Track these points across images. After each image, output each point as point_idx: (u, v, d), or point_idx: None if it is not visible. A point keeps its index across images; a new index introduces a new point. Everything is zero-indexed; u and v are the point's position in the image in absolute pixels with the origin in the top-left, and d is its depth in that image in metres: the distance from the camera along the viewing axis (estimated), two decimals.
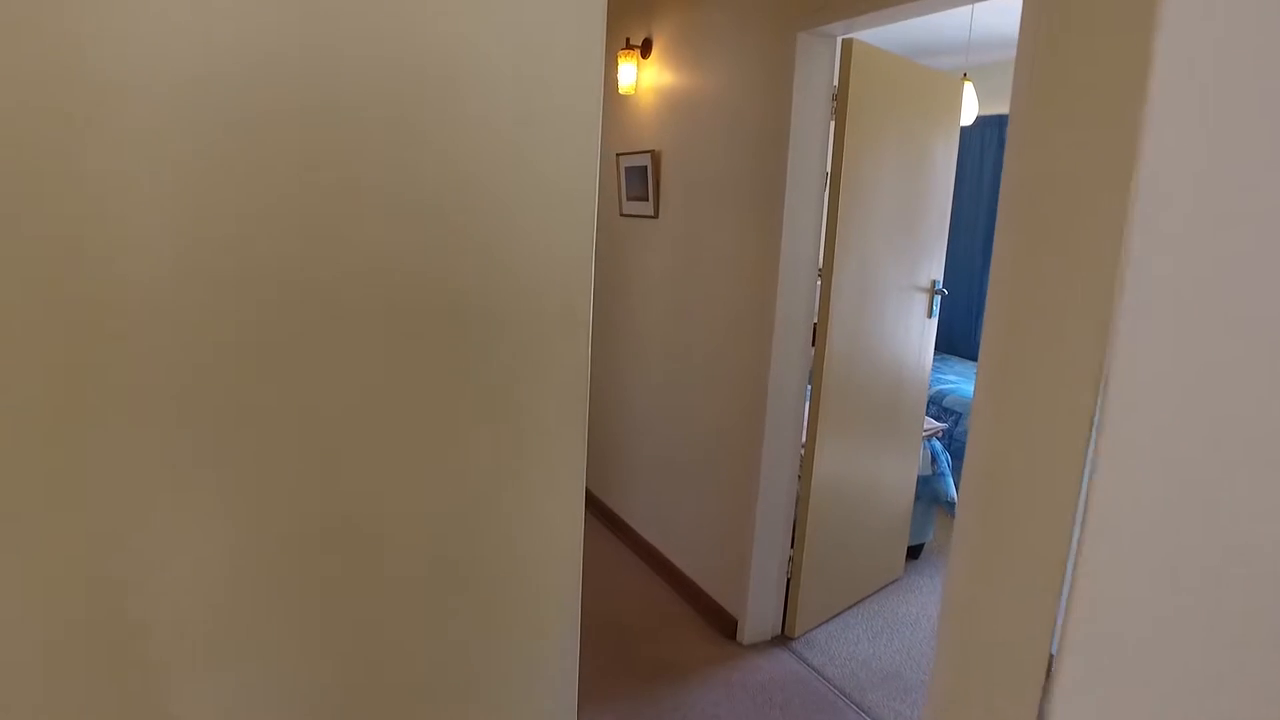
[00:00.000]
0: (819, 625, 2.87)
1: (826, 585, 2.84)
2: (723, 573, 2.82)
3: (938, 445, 3.30)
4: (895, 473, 3.03)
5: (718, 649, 2.73)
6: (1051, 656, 2.43)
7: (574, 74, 1.04)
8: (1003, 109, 4.70)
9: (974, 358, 5.04)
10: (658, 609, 2.97)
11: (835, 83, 2.44)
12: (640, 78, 3.10)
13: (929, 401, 4.00)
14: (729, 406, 2.74)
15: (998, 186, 4.83)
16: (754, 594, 2.69)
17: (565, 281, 1.10)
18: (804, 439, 2.65)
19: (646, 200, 3.11)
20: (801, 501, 2.67)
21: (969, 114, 3.51)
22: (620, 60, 3.06)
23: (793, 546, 2.73)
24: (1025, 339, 1.87)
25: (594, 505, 3.75)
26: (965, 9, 3.51)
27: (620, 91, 3.13)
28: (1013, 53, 4.44)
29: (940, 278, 2.96)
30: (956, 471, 3.53)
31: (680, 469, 3.06)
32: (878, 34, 3.10)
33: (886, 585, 3.18)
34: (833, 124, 2.46)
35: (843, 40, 2.37)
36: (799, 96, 2.36)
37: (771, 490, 2.63)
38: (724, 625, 2.78)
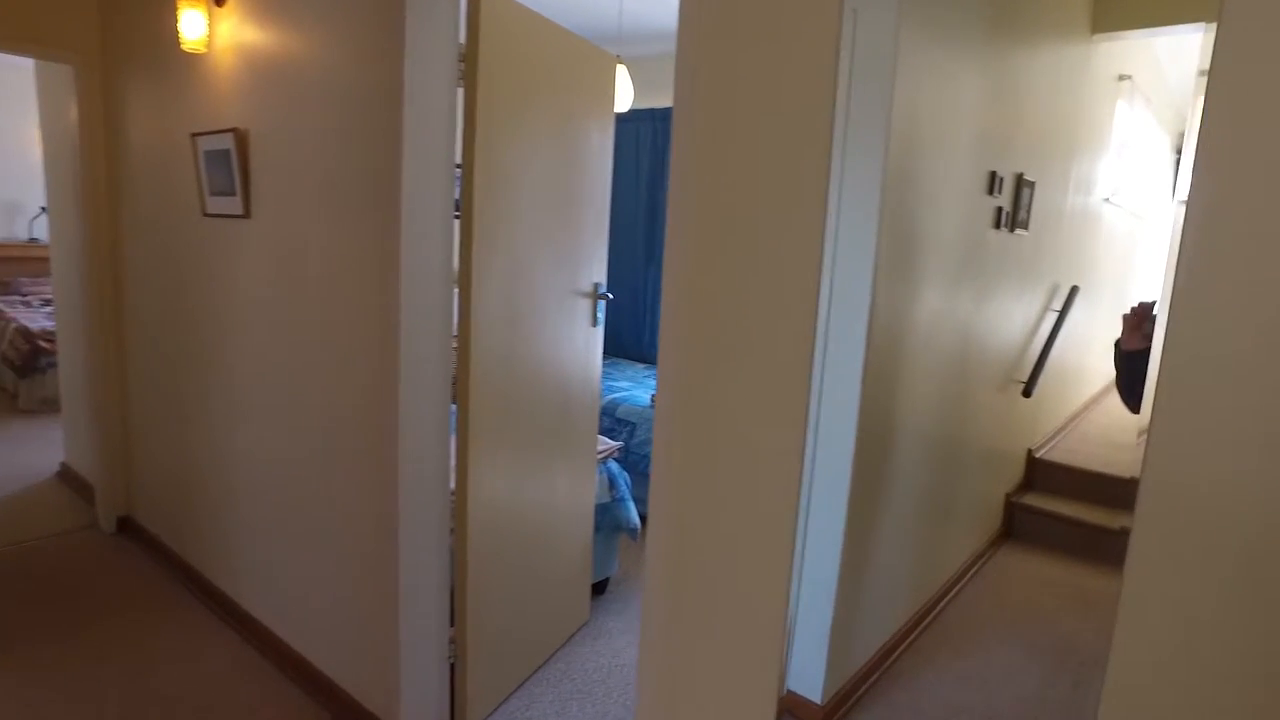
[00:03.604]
0: (499, 705, 2.37)
1: (503, 653, 2.36)
2: (366, 664, 2.21)
3: (615, 467, 2.99)
4: (571, 504, 2.65)
5: None
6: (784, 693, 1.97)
7: None
8: (656, 102, 4.61)
9: (645, 360, 4.91)
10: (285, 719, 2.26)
11: (464, 41, 1.97)
12: (215, 32, 2.36)
13: (600, 414, 3.72)
14: (353, 449, 2.13)
15: (657, 182, 4.74)
16: (409, 686, 2.12)
17: None
18: (454, 481, 2.14)
19: (234, 195, 2.38)
20: (458, 557, 2.15)
21: (624, 99, 3.27)
22: (181, 6, 2.30)
23: (454, 616, 2.20)
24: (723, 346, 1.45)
25: (196, 585, 2.88)
26: None
27: (185, 48, 2.36)
28: (665, 46, 4.38)
29: (604, 281, 2.63)
30: (638, 489, 3.26)
31: (302, 533, 2.37)
32: None
33: (574, 634, 2.79)
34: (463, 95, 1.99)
35: None
36: (413, 58, 1.84)
37: (416, 548, 2.08)
38: None
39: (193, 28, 2.31)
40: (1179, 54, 5.11)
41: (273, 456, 2.45)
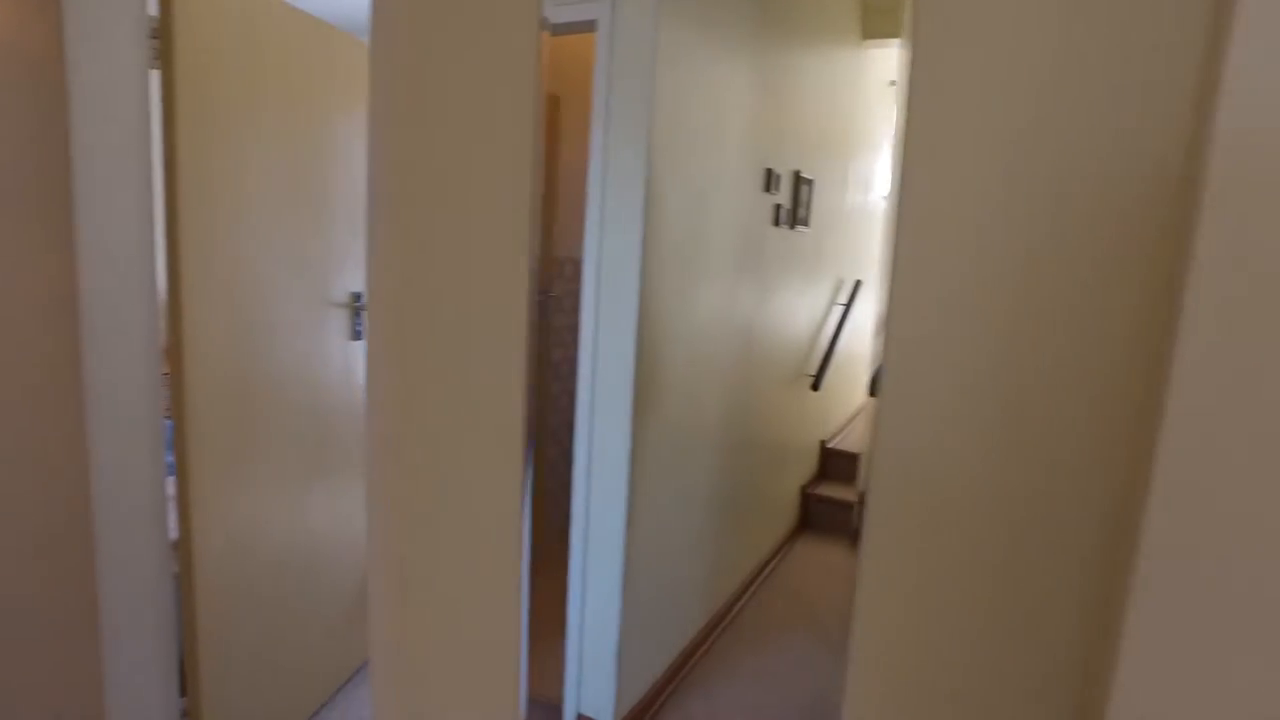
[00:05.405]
0: None
1: (254, 716, 2.08)
2: None
3: None
4: (340, 533, 2.40)
5: None
6: None
7: None
8: None
9: None
10: None
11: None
12: None
13: None
14: (40, 505, 1.79)
15: None
16: None
17: None
18: (177, 531, 1.86)
19: None
20: (184, 615, 1.87)
21: None
22: None
23: (184, 684, 1.91)
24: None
25: None
26: None
27: None
28: None
29: (364, 289, 2.40)
30: None
31: None
32: None
33: (353, 675, 2.54)
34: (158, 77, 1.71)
35: None
36: (76, 31, 1.55)
37: (123, 609, 1.78)
38: None
39: None
40: None
41: None
